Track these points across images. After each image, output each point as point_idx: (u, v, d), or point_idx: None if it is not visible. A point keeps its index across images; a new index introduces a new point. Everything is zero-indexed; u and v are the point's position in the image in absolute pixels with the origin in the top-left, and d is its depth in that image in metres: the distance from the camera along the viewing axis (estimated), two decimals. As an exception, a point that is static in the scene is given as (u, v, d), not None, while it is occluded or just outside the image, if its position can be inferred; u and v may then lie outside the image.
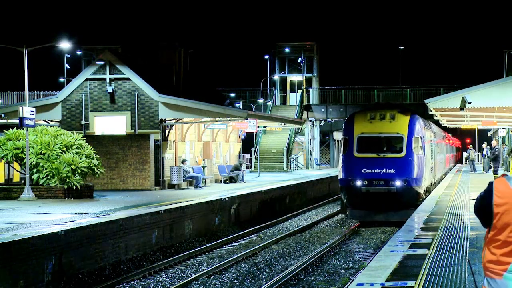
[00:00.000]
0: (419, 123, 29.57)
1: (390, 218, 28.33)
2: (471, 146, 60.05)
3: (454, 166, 69.70)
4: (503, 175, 4.51)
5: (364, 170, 27.90)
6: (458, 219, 19.72)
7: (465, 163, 73.85)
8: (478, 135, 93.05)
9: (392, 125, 28.76)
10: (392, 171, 27.77)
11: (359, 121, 29.17)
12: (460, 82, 64.88)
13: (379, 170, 27.83)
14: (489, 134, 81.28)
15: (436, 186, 36.35)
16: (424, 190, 30.26)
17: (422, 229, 17.73)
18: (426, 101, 28.55)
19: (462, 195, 28.91)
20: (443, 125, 48.06)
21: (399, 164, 27.97)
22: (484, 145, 54.12)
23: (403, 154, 28.20)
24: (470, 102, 25.61)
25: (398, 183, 27.72)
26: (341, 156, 29.45)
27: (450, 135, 65.32)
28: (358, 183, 27.94)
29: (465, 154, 72.62)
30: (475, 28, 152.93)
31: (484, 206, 4.45)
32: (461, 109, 26.79)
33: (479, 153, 68.46)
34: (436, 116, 34.83)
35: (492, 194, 4.40)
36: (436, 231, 17.08)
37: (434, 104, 28.12)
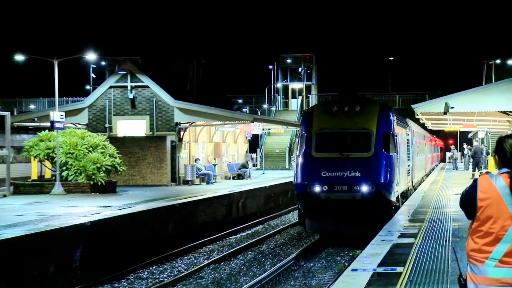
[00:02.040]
0: (391, 118, 22.45)
1: (356, 231, 21.35)
2: (453, 146, 60.00)
3: (437, 165, 69.53)
4: (487, 172, 4.53)
5: (324, 173, 20.95)
6: (442, 212, 19.64)
7: (448, 162, 73.72)
8: (460, 137, 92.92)
9: (358, 120, 21.78)
10: (358, 174, 20.91)
11: (319, 115, 22.21)
12: (444, 89, 64.81)
13: (341, 173, 20.92)
14: (469, 135, 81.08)
15: (415, 190, 30.03)
16: (398, 197, 23.16)
17: (410, 220, 17.67)
18: (413, 106, 28.46)
19: (446, 190, 28.79)
20: (428, 128, 47.92)
21: (366, 166, 21.09)
22: (464, 146, 54.05)
23: (371, 153, 21.25)
24: (452, 107, 25.55)
25: (364, 188, 20.78)
26: (296, 157, 22.45)
27: (434, 136, 65.09)
28: (317, 188, 20.91)
29: (448, 154, 72.50)
30: (457, 41, 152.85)
31: (470, 200, 4.47)
32: (445, 113, 26.73)
33: (460, 153, 68.35)
34: (422, 119, 34.74)
35: (476, 190, 4.44)
36: (422, 222, 17.02)
37: (420, 109, 28.05)
